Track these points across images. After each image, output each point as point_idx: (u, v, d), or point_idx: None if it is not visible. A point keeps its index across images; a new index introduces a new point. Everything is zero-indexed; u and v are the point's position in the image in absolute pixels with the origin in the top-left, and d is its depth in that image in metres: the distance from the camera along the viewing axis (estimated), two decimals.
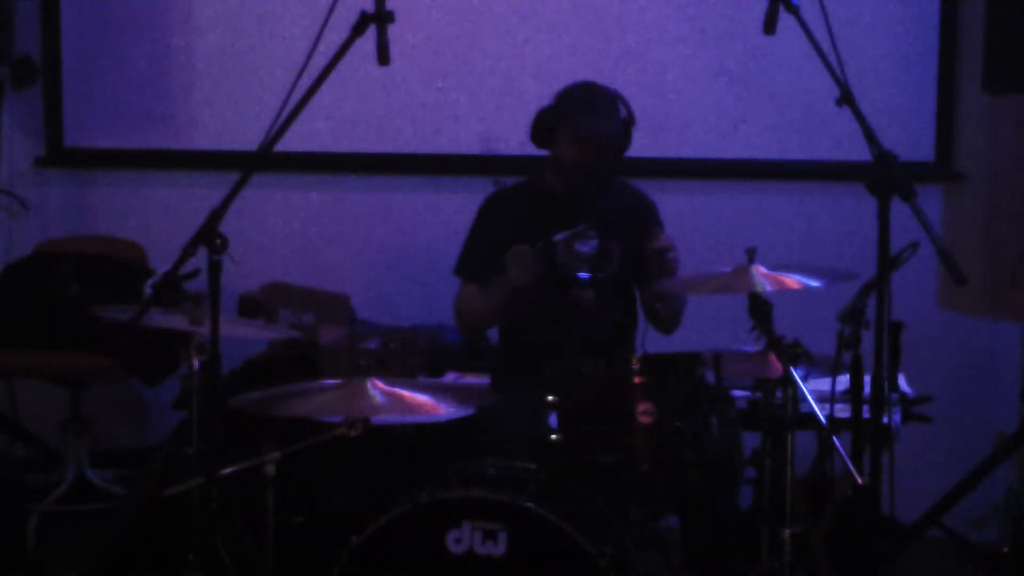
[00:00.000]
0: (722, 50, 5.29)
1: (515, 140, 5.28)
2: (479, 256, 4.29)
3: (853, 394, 3.19)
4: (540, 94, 5.29)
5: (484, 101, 5.39)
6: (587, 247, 4.06)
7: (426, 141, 5.44)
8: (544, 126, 4.19)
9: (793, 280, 3.61)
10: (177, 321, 3.46)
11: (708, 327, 4.26)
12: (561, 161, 4.18)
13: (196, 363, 3.40)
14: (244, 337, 4.12)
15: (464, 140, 5.42)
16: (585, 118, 4.14)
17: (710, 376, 3.64)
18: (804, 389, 3.40)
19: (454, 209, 5.38)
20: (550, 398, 3.61)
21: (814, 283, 3.62)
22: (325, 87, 3.07)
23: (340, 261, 5.51)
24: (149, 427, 5.65)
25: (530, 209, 4.28)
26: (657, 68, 5.30)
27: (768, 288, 3.54)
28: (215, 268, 3.00)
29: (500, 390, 4.10)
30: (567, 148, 4.16)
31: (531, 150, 4.25)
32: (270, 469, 3.30)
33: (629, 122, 4.17)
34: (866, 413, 3.09)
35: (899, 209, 2.97)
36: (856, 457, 3.15)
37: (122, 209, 5.59)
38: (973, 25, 5.12)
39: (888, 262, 3.00)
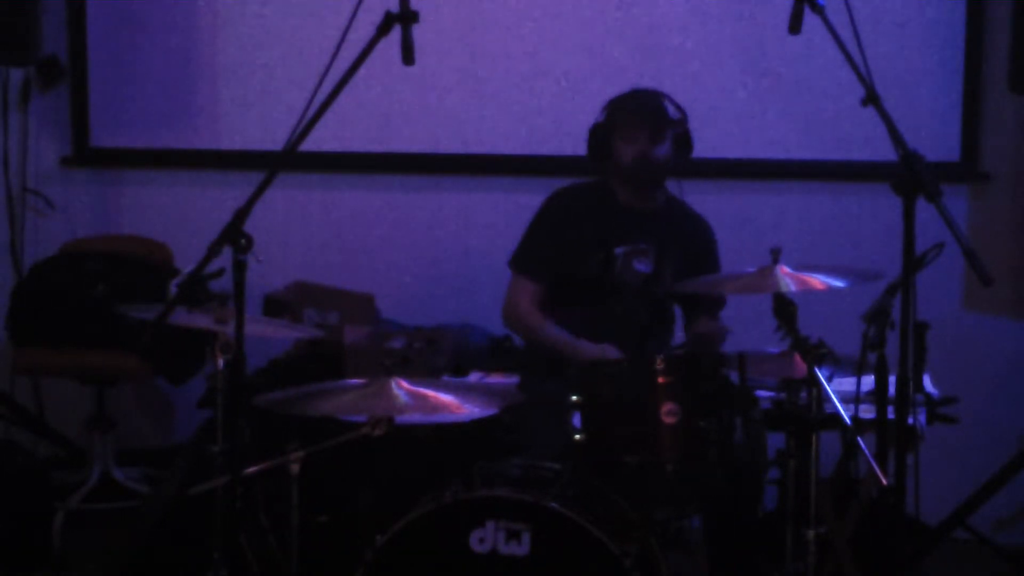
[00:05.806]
0: (748, 50, 5.27)
1: (542, 142, 5.31)
2: (537, 252, 4.32)
3: (878, 395, 3.18)
4: (568, 95, 5.31)
5: (514, 102, 5.38)
6: (643, 265, 4.17)
7: (454, 141, 5.43)
8: (598, 138, 4.21)
9: (817, 281, 3.61)
10: (202, 320, 3.48)
11: (733, 327, 4.25)
12: (621, 164, 4.20)
13: (221, 362, 3.42)
14: (269, 336, 4.13)
15: (493, 141, 5.41)
16: (632, 114, 4.19)
17: (734, 376, 3.64)
18: (828, 389, 3.38)
19: (481, 209, 5.40)
20: (574, 398, 3.61)
21: (838, 283, 3.62)
22: (352, 86, 3.07)
23: (365, 261, 5.51)
24: (174, 426, 5.67)
25: (594, 214, 4.30)
26: (682, 68, 5.28)
27: (792, 288, 3.53)
28: (240, 267, 3.00)
29: (526, 390, 4.11)
30: (623, 148, 4.20)
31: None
32: (295, 468, 3.31)
33: (679, 118, 4.22)
34: (891, 414, 3.08)
35: (925, 209, 2.96)
36: (881, 458, 3.14)
37: (147, 209, 5.61)
38: (999, 25, 5.10)
39: (913, 262, 2.98)
